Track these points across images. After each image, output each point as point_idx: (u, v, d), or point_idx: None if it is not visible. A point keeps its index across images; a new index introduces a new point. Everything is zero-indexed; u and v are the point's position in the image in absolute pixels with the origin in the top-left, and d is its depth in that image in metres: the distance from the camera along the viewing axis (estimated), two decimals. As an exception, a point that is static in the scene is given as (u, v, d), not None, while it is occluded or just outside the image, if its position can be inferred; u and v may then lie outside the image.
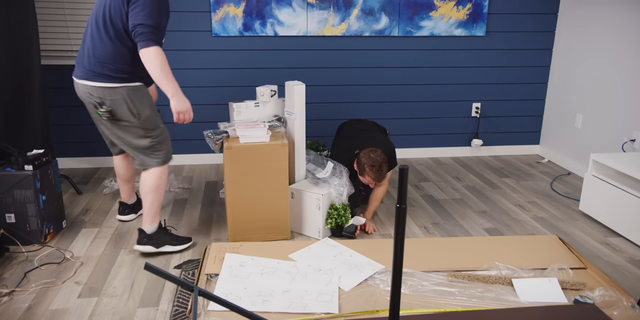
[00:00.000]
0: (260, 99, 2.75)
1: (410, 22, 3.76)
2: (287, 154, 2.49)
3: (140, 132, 2.30)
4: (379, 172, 2.55)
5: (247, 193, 2.49)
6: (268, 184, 2.50)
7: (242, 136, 2.46)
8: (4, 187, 2.40)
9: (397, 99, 3.94)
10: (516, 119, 4.12)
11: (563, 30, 3.86)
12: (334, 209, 2.57)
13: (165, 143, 2.38)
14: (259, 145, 2.45)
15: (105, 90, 2.21)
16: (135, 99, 2.24)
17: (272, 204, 2.54)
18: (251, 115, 2.72)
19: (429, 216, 2.95)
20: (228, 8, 3.56)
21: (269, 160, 2.47)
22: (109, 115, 2.24)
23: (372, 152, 2.58)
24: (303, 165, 2.76)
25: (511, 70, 3.99)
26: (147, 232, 2.40)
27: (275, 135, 2.60)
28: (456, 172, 3.74)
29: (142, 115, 2.27)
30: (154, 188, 2.37)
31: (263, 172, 2.48)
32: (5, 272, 2.27)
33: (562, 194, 3.32)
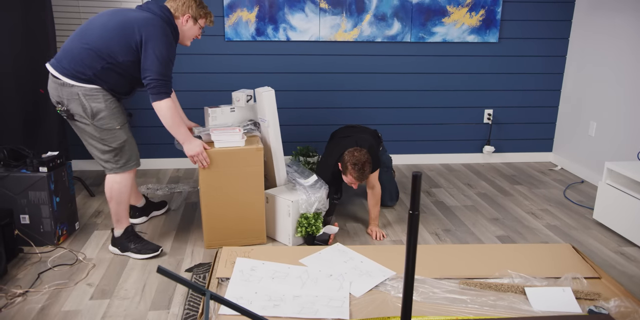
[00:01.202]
0: (236, 104, 2.74)
1: (422, 28, 3.76)
2: (262, 158, 2.49)
3: (95, 134, 2.28)
4: (361, 170, 2.52)
5: (223, 198, 2.49)
6: (243, 188, 2.49)
7: (217, 141, 2.44)
8: (19, 188, 2.43)
9: (408, 104, 3.94)
10: (529, 125, 4.09)
11: (577, 37, 3.83)
12: (304, 218, 2.55)
13: (125, 150, 2.34)
14: (234, 149, 2.44)
15: (64, 88, 2.20)
16: (90, 99, 2.22)
17: (247, 209, 2.53)
18: (226, 120, 2.72)
19: (440, 223, 2.94)
20: (241, 13, 3.59)
21: (244, 165, 2.46)
22: (66, 114, 2.24)
23: (357, 150, 2.57)
24: (283, 170, 2.75)
25: (524, 77, 3.97)
26: (115, 235, 2.46)
27: (251, 139, 2.59)
28: (468, 179, 3.72)
29: (97, 115, 2.25)
30: (113, 195, 2.38)
31: (238, 177, 2.47)
32: (19, 272, 2.29)
33: (576, 202, 3.29)
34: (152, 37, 2.18)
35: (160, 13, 2.27)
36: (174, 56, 2.31)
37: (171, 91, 2.29)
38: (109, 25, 2.20)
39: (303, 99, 3.84)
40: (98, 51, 2.18)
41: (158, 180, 3.56)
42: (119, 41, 2.18)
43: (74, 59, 2.19)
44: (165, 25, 2.26)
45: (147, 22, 2.20)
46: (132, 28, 2.18)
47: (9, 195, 2.43)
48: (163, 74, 2.23)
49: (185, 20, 2.35)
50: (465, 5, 3.74)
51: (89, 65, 2.18)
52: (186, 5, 2.34)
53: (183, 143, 2.35)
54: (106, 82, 2.23)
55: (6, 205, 2.44)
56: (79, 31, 2.25)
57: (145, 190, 3.31)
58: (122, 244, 2.44)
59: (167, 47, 2.23)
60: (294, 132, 3.88)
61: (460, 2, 3.73)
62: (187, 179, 3.62)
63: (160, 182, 3.53)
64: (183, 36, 2.40)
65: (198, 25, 2.41)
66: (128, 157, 2.36)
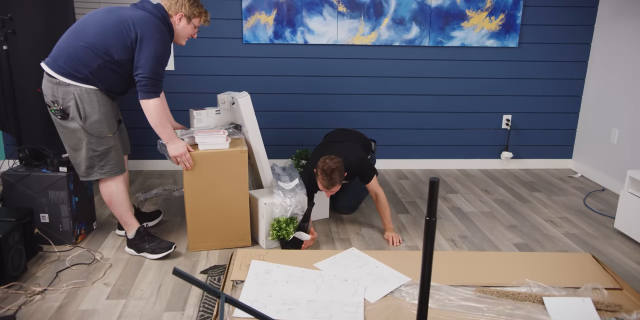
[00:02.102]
0: (221, 107, 2.75)
1: (441, 32, 3.74)
2: (246, 160, 2.49)
3: (83, 137, 2.26)
4: (328, 178, 2.52)
5: (207, 200, 2.49)
6: (228, 190, 2.49)
7: (201, 143, 2.44)
8: (39, 187, 2.47)
9: (426, 109, 3.91)
10: (548, 131, 4.03)
11: (599, 42, 3.77)
12: (277, 222, 2.53)
13: (111, 156, 2.32)
14: (218, 152, 2.44)
15: (60, 87, 2.21)
16: (85, 101, 2.22)
17: (232, 211, 2.53)
18: (210, 123, 2.72)
19: (456, 229, 2.91)
20: (259, 16, 3.60)
21: (228, 167, 2.46)
22: (61, 114, 2.24)
23: (329, 158, 2.57)
24: (268, 172, 2.74)
25: (544, 83, 3.92)
26: (128, 237, 2.48)
27: (235, 142, 2.58)
28: (485, 185, 3.67)
29: (89, 118, 2.25)
30: (112, 199, 2.40)
31: (223, 179, 2.47)
32: (38, 270, 2.32)
33: (596, 210, 3.22)
34: (147, 35, 2.18)
35: (156, 11, 2.26)
36: (169, 55, 2.31)
37: (161, 91, 2.29)
38: (105, 23, 2.19)
39: (320, 102, 3.84)
40: (94, 49, 2.18)
41: (175, 182, 3.59)
42: (115, 39, 2.18)
43: (70, 57, 2.19)
44: (161, 24, 2.25)
45: (142, 20, 2.20)
46: (127, 26, 2.18)
47: (29, 195, 2.47)
48: (155, 72, 2.22)
49: (178, 19, 2.33)
50: (485, 9, 3.70)
51: (85, 63, 2.18)
52: (179, 4, 2.32)
53: (167, 143, 2.35)
54: (102, 81, 2.23)
55: (27, 204, 2.48)
56: (73, 29, 2.24)
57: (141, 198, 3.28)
58: (137, 245, 2.46)
59: (162, 46, 2.22)
60: (310, 134, 3.88)
61: (479, 6, 3.70)
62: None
63: (177, 183, 3.55)
64: (177, 35, 2.38)
65: (192, 25, 2.39)
66: (112, 164, 2.34)
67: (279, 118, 3.85)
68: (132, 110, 3.20)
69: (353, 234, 2.82)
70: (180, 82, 3.69)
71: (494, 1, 3.69)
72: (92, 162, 2.31)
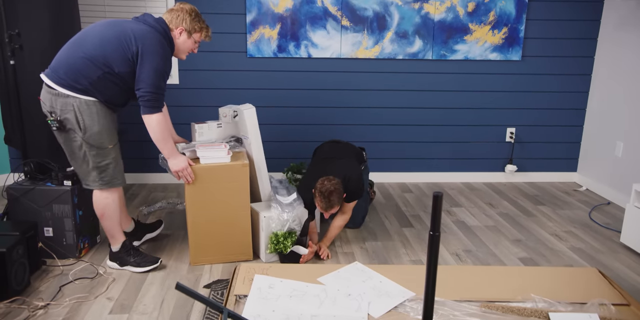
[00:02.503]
0: (222, 120, 2.75)
1: (444, 46, 3.76)
2: (247, 174, 2.49)
3: (84, 149, 2.26)
4: (326, 200, 2.49)
5: (209, 214, 2.48)
6: (229, 204, 2.49)
7: (202, 157, 2.45)
8: (44, 201, 2.48)
9: (429, 122, 3.92)
10: (553, 145, 4.03)
11: (603, 55, 3.78)
12: (275, 235, 2.52)
13: (111, 168, 2.32)
14: (220, 165, 2.45)
15: (59, 98, 2.21)
16: (85, 113, 2.23)
17: (233, 224, 2.53)
18: (212, 136, 2.73)
19: (461, 243, 2.89)
20: (263, 30, 3.64)
21: (230, 181, 2.46)
22: (57, 125, 2.24)
23: (328, 179, 2.53)
24: (267, 185, 2.74)
25: (548, 95, 3.92)
26: (112, 250, 2.47)
27: (236, 155, 2.59)
28: (489, 198, 3.66)
29: (88, 130, 2.24)
30: (104, 211, 2.39)
31: (224, 193, 2.47)
32: (41, 284, 2.32)
33: (602, 224, 3.20)
34: (148, 49, 2.19)
35: (157, 25, 2.27)
36: (170, 69, 2.31)
37: (163, 105, 2.30)
38: (106, 36, 2.20)
39: (324, 115, 3.86)
40: (94, 60, 2.18)
41: (179, 195, 3.60)
42: (116, 52, 2.19)
43: (70, 69, 2.19)
44: (162, 38, 2.26)
45: (144, 34, 2.21)
46: (129, 39, 2.19)
47: (34, 208, 2.48)
48: (157, 86, 2.23)
49: (178, 33, 2.34)
50: (488, 23, 3.73)
51: (85, 75, 2.19)
52: (180, 18, 2.33)
53: (168, 158, 2.35)
54: (102, 93, 2.23)
55: (31, 218, 2.49)
56: (74, 41, 2.25)
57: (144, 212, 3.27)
58: (121, 258, 2.46)
59: (163, 60, 2.23)
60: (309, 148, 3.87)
61: (482, 20, 3.72)
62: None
63: (181, 196, 3.56)
64: (178, 49, 2.39)
65: (193, 39, 2.39)
66: (113, 175, 2.34)
67: (281, 131, 3.86)
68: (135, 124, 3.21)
69: (357, 248, 2.81)
70: (184, 95, 3.72)
71: (496, 15, 3.72)
72: (93, 172, 2.31)
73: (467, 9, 3.69)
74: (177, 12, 2.33)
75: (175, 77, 3.69)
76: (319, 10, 3.62)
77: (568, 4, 3.74)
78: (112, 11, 3.53)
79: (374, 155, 3.94)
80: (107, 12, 3.53)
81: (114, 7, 3.52)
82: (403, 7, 3.66)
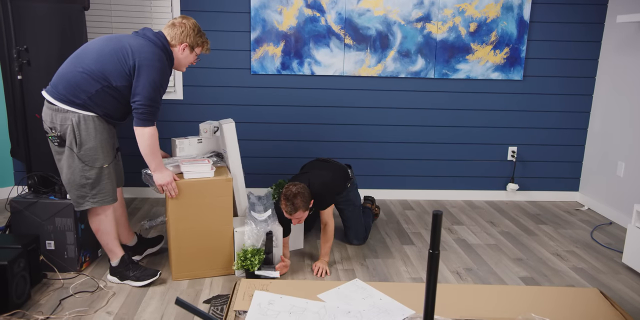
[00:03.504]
0: (203, 136, 2.78)
1: (446, 65, 3.80)
2: (231, 189, 2.50)
3: (77, 165, 2.27)
4: (290, 203, 2.51)
5: (191, 228, 2.49)
6: (213, 219, 2.50)
7: (186, 172, 2.46)
8: (46, 214, 2.49)
9: (431, 140, 3.94)
10: (554, 164, 4.04)
11: (604, 76, 3.82)
12: (243, 252, 2.51)
13: (103, 184, 2.32)
14: (204, 180, 2.46)
15: (59, 113, 2.24)
16: (82, 128, 2.25)
17: (216, 239, 2.53)
18: (192, 152, 2.75)
19: (461, 261, 2.88)
20: (267, 47, 3.70)
21: (213, 196, 2.48)
22: (58, 140, 2.27)
23: (293, 184, 2.57)
24: (245, 201, 2.75)
25: (549, 115, 3.95)
26: (112, 264, 2.48)
27: (220, 170, 2.60)
28: (490, 217, 3.66)
29: (84, 145, 2.26)
30: (100, 227, 2.41)
31: (208, 207, 2.48)
32: (41, 298, 2.32)
33: (604, 244, 3.19)
34: (145, 62, 2.21)
35: (155, 39, 2.30)
36: (167, 83, 2.34)
37: (157, 119, 2.32)
38: (104, 50, 2.24)
39: (326, 132, 3.89)
40: (92, 75, 2.21)
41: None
42: (114, 66, 2.21)
43: (69, 84, 2.22)
44: (160, 52, 2.28)
45: (141, 48, 2.24)
46: (126, 53, 2.22)
47: (36, 221, 2.50)
48: (153, 99, 2.25)
49: (182, 48, 2.37)
50: (490, 43, 3.78)
51: (83, 89, 2.21)
52: (184, 34, 2.36)
53: (154, 172, 2.36)
54: (101, 107, 2.25)
55: (33, 231, 2.50)
56: (73, 57, 2.29)
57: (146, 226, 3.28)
58: (121, 273, 2.46)
59: (160, 74, 2.25)
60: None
61: (484, 40, 3.77)
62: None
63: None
64: (179, 63, 2.42)
65: (194, 53, 2.44)
66: (105, 193, 2.34)
67: (284, 147, 3.89)
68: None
69: (357, 265, 2.80)
70: (188, 111, 3.76)
71: (498, 35, 3.77)
72: (84, 191, 2.31)
73: (469, 29, 3.75)
74: (181, 28, 2.36)
75: (179, 92, 3.74)
76: (323, 28, 3.69)
77: (569, 25, 3.79)
78: (119, 27, 3.59)
79: (376, 172, 3.96)
80: (114, 28, 3.60)
81: (121, 23, 3.59)
82: (406, 27, 3.72)
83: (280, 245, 2.65)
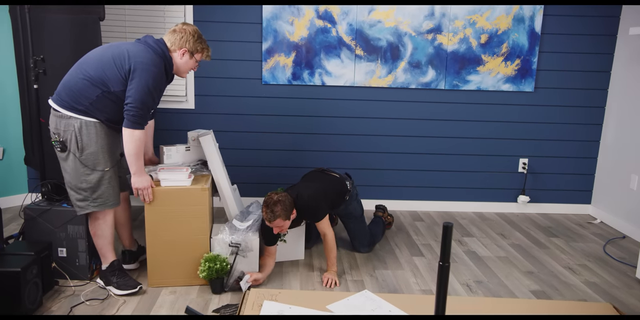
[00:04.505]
0: (191, 144, 2.80)
1: (457, 76, 3.81)
2: (207, 198, 2.51)
3: (79, 169, 2.31)
4: (269, 211, 2.51)
5: (167, 236, 2.50)
6: (188, 227, 2.51)
7: (163, 180, 2.48)
8: (59, 222, 2.52)
9: (441, 151, 3.93)
10: (566, 176, 4.00)
11: (617, 88, 3.80)
12: (204, 260, 2.45)
13: (102, 188, 2.36)
14: (179, 189, 2.48)
15: (62, 120, 2.28)
16: (84, 133, 2.29)
17: (192, 248, 2.53)
18: (179, 159, 2.77)
19: (471, 273, 2.86)
20: (279, 58, 3.73)
21: (189, 204, 2.49)
22: (61, 146, 2.31)
23: (275, 193, 2.58)
24: (234, 208, 2.76)
25: (561, 127, 3.93)
26: (102, 268, 2.51)
27: (199, 179, 2.61)
28: (501, 229, 3.63)
29: (85, 150, 2.30)
30: (97, 231, 2.43)
31: (183, 216, 2.49)
32: (53, 305, 2.33)
33: (617, 258, 3.15)
34: (139, 66, 2.25)
35: (154, 45, 2.34)
36: (162, 88, 2.37)
37: (147, 123, 2.35)
38: (104, 57, 2.29)
39: (337, 142, 3.90)
40: (92, 81, 2.26)
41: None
42: (112, 71, 2.26)
43: (71, 90, 2.28)
44: (157, 57, 2.32)
45: (137, 53, 2.28)
46: (123, 59, 2.27)
47: (49, 229, 2.52)
48: (144, 102, 2.27)
49: (181, 53, 2.40)
50: (501, 54, 3.78)
51: (84, 95, 2.27)
52: (184, 40, 2.39)
53: (134, 175, 2.38)
54: (102, 112, 2.30)
55: (46, 238, 2.52)
56: (76, 64, 2.35)
57: None
58: (106, 278, 2.48)
59: (154, 79, 2.28)
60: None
61: (495, 51, 3.78)
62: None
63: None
64: (178, 69, 2.45)
65: (194, 59, 2.45)
66: (106, 197, 2.37)
67: (294, 157, 3.90)
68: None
69: (366, 276, 2.79)
70: (199, 120, 3.80)
71: (509, 47, 3.77)
72: (85, 194, 2.35)
73: (480, 41, 3.76)
74: (181, 34, 2.40)
75: (191, 101, 3.78)
76: (334, 39, 3.71)
77: (581, 37, 3.78)
78: (133, 37, 3.65)
79: (386, 182, 3.96)
80: (128, 38, 3.65)
81: (135, 33, 3.64)
82: (416, 38, 3.74)
83: (254, 256, 2.61)
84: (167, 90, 3.65)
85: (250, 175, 3.89)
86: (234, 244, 2.54)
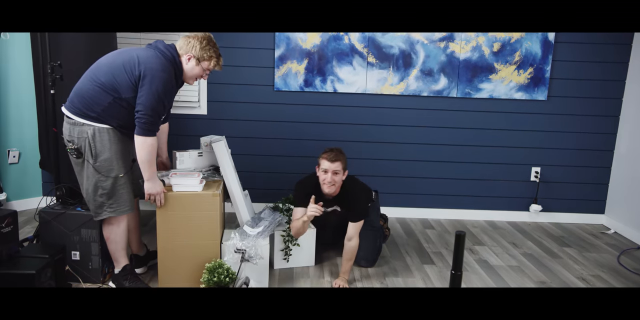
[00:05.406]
0: (204, 149, 2.82)
1: (469, 84, 3.80)
2: (218, 204, 2.52)
3: (94, 176, 2.33)
4: (332, 152, 2.67)
5: (178, 241, 2.51)
6: (199, 232, 2.52)
7: (175, 185, 2.49)
8: (73, 225, 2.55)
9: (453, 159, 3.92)
10: (579, 185, 3.96)
11: (631, 97, 3.76)
12: (207, 270, 2.38)
13: (119, 195, 2.38)
14: (191, 194, 2.49)
15: (75, 127, 2.30)
16: (97, 139, 2.31)
17: (203, 253, 2.53)
18: (192, 165, 2.79)
19: (483, 282, 2.83)
20: (291, 64, 3.75)
21: (200, 210, 2.50)
22: (76, 153, 2.32)
23: None
24: (245, 214, 2.77)
25: (574, 136, 3.90)
26: (115, 271, 2.53)
27: (210, 184, 2.62)
28: (513, 238, 3.60)
29: (99, 157, 2.32)
30: (110, 236, 2.45)
31: (194, 221, 2.50)
32: (63, 308, 2.35)
33: (631, 269, 3.10)
34: (149, 72, 2.25)
35: (165, 51, 2.34)
36: (172, 94, 2.37)
37: (158, 130, 2.35)
38: (115, 63, 2.30)
39: (347, 150, 3.88)
40: (104, 87, 2.27)
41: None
42: (122, 77, 2.27)
43: (83, 98, 2.29)
44: (167, 63, 2.32)
45: (147, 58, 2.28)
46: (133, 65, 2.27)
47: (63, 232, 2.55)
48: (154, 109, 2.27)
49: (187, 59, 2.39)
50: (514, 63, 3.77)
51: (96, 101, 2.28)
52: (190, 45, 2.38)
53: (147, 180, 2.38)
54: (114, 119, 2.31)
55: (60, 241, 2.55)
56: (88, 71, 2.36)
57: None
58: (118, 281, 2.50)
59: (164, 84, 2.28)
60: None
61: (508, 60, 3.77)
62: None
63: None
64: (185, 75, 2.45)
65: (201, 67, 2.42)
66: (121, 203, 2.39)
67: (306, 163, 3.90)
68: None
69: (377, 283, 2.78)
70: (211, 126, 3.82)
71: (522, 55, 3.76)
72: (101, 200, 2.37)
73: (493, 49, 3.75)
74: (190, 39, 2.40)
75: (203, 107, 3.81)
76: (346, 47, 3.73)
77: (595, 46, 3.76)
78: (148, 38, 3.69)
79: (396, 190, 3.95)
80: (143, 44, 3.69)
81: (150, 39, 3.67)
82: (429, 46, 3.74)
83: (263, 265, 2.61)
84: (179, 96, 3.68)
85: (261, 181, 3.90)
86: (239, 250, 2.54)
